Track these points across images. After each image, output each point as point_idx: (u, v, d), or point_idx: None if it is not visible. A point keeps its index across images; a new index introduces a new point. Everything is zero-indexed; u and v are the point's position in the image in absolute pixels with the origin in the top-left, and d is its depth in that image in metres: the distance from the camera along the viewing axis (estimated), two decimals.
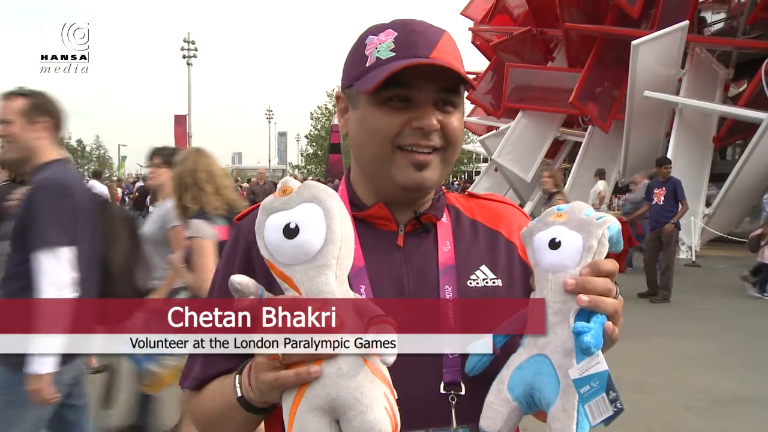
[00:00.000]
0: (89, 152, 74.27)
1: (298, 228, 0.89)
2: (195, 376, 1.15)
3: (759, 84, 15.19)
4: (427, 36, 1.08)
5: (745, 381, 5.99)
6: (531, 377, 0.95)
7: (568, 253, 0.95)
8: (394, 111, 1.06)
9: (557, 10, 18.19)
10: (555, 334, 0.94)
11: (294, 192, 0.93)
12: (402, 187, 1.10)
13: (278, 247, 0.90)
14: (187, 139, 38.63)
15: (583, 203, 1.02)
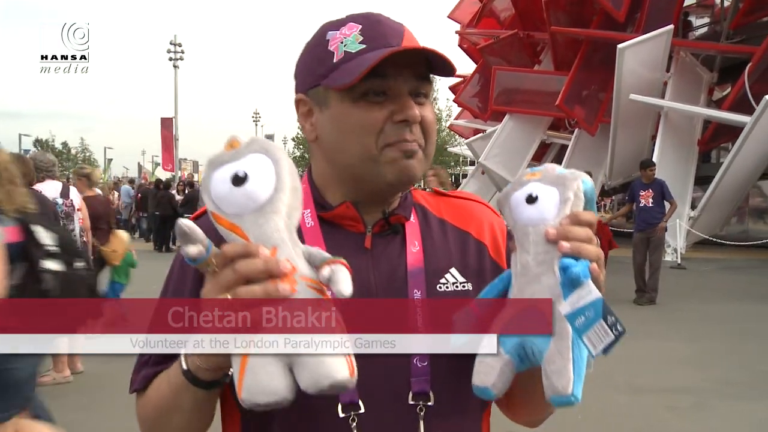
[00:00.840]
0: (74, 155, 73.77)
1: (247, 176, 0.86)
2: (143, 375, 1.10)
3: (742, 88, 15.33)
4: (392, 26, 1.05)
5: (729, 382, 6.04)
6: None
7: (546, 206, 0.95)
8: (373, 106, 1.01)
9: (544, 14, 18.26)
10: (540, 283, 0.93)
11: (242, 145, 0.90)
12: (390, 185, 1.06)
13: (226, 196, 0.86)
14: (173, 142, 38.47)
15: (555, 165, 1.02)
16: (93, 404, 5.31)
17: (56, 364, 5.78)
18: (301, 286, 0.84)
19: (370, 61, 0.98)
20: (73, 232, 5.89)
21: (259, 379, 0.81)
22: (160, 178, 23.21)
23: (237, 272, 0.82)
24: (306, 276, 0.85)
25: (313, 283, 0.85)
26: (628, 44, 15.24)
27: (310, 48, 1.09)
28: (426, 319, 1.03)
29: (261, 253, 0.83)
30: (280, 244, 0.85)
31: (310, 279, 0.85)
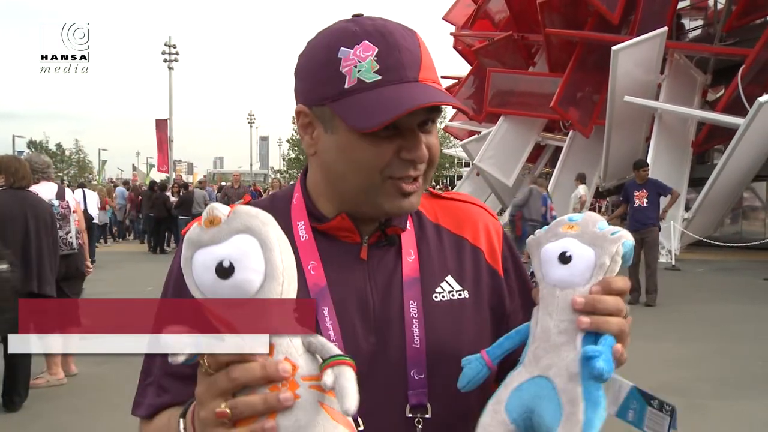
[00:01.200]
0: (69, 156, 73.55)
1: (233, 266, 0.76)
2: (149, 404, 1.07)
3: (736, 90, 15.39)
4: (410, 50, 0.98)
5: (723, 383, 6.06)
6: (530, 400, 0.88)
7: (579, 269, 0.89)
8: (381, 141, 0.97)
9: (538, 16, 18.32)
10: (559, 356, 0.87)
11: (223, 222, 0.79)
12: (387, 214, 1.04)
13: (212, 288, 0.77)
14: (168, 144, 38.38)
15: (597, 215, 0.95)
16: (87, 406, 5.30)
17: (50, 366, 5.77)
18: (303, 389, 0.76)
19: (390, 109, 0.93)
20: (69, 234, 5.87)
21: None
22: (154, 180, 23.13)
23: (233, 381, 0.76)
24: (307, 375, 0.77)
25: (316, 380, 0.77)
26: (623, 46, 15.28)
27: (320, 61, 1.01)
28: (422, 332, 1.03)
29: (258, 355, 0.76)
30: (276, 340, 0.78)
31: (313, 377, 0.77)
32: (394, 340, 1.02)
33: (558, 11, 18.88)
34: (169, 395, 1.04)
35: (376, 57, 0.96)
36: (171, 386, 1.04)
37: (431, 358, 1.02)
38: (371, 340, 1.02)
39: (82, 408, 5.26)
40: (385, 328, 1.03)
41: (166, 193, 19.08)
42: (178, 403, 1.02)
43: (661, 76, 17.13)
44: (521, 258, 1.22)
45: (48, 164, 6.13)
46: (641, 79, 16.26)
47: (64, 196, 6.00)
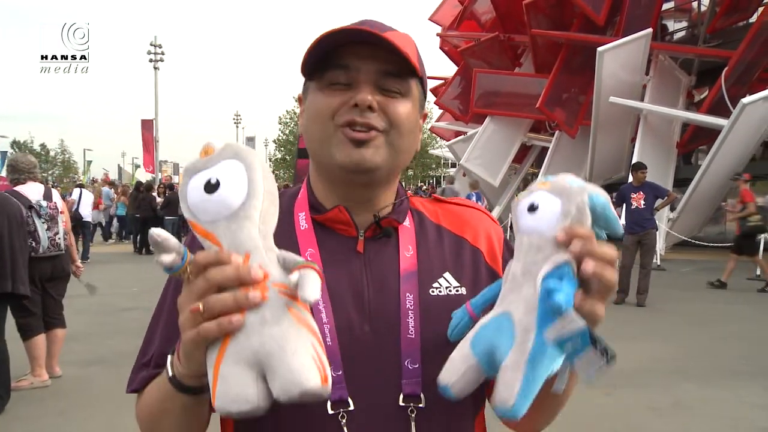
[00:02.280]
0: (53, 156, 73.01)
1: (219, 183, 0.86)
2: (142, 376, 1.10)
3: (719, 91, 15.52)
4: (376, 26, 1.05)
5: (707, 382, 6.10)
6: (492, 334, 0.92)
7: (545, 216, 0.92)
8: (334, 92, 1.04)
9: (524, 17, 18.38)
10: (520, 294, 0.92)
11: (216, 151, 0.89)
12: (342, 167, 1.05)
13: (199, 204, 0.87)
14: (154, 144, 38.20)
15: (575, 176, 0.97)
16: (71, 409, 5.25)
17: (34, 367, 5.71)
18: (272, 293, 0.83)
19: (322, 44, 1.01)
20: (58, 235, 5.82)
21: (230, 387, 0.81)
22: (140, 181, 23.03)
23: (208, 281, 0.82)
24: (278, 282, 0.84)
25: (286, 288, 0.84)
26: (608, 47, 15.37)
27: None
28: (418, 328, 1.04)
29: (233, 260, 0.83)
30: (253, 250, 0.85)
31: (283, 285, 0.84)
32: (388, 329, 1.03)
33: (544, 12, 18.95)
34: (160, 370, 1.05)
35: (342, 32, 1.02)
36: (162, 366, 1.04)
37: (426, 349, 1.03)
38: (365, 328, 1.04)
39: (66, 410, 5.21)
40: (379, 318, 1.04)
41: (152, 193, 18.99)
42: None
43: (646, 77, 17.25)
44: None
45: (34, 164, 6.07)
46: (626, 80, 16.36)
47: (52, 197, 5.95)
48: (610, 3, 17.27)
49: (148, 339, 1.13)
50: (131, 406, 1.14)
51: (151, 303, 1.16)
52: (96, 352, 6.92)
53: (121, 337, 7.39)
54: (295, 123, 49.92)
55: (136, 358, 1.13)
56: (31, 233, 5.62)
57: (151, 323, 1.14)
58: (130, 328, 7.77)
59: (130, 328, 7.75)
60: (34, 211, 5.69)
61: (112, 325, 8.24)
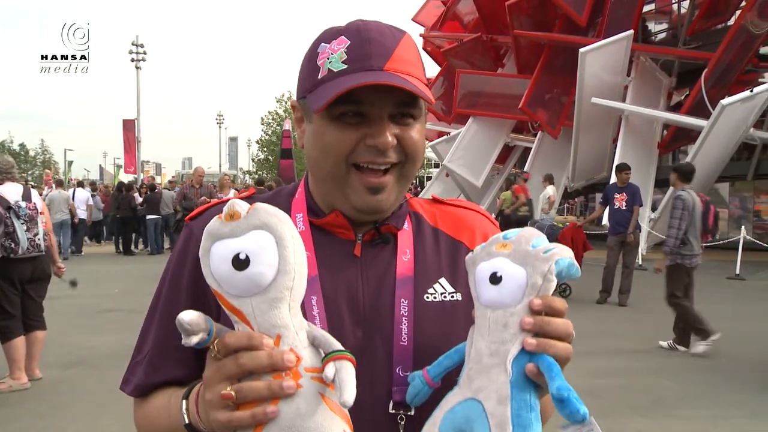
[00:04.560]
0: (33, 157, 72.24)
1: (249, 259, 0.82)
2: (138, 383, 1.10)
3: (699, 93, 15.68)
4: (383, 44, 1.00)
5: (686, 381, 6.16)
6: (462, 422, 0.87)
7: (510, 289, 0.87)
8: (347, 127, 1.00)
9: (507, 18, 18.45)
10: (490, 378, 0.86)
11: (242, 217, 0.84)
12: (356, 209, 1.05)
13: (227, 278, 0.83)
14: (136, 145, 37.92)
15: (534, 231, 0.93)
16: (51, 412, 5.19)
17: (13, 370, 5.65)
18: (305, 380, 0.82)
19: (336, 90, 0.96)
20: (37, 235, 5.75)
21: None
22: (122, 181, 22.86)
23: (240, 366, 0.81)
24: (310, 367, 0.83)
25: (318, 372, 0.82)
26: (590, 48, 15.47)
27: (306, 56, 1.06)
28: (411, 330, 1.03)
29: (265, 344, 0.82)
30: (284, 331, 0.83)
31: (315, 369, 0.83)
32: (381, 335, 1.03)
33: (526, 13, 19.04)
34: (159, 375, 1.08)
35: (346, 49, 0.99)
36: (162, 366, 1.08)
37: (418, 357, 1.02)
38: (358, 334, 1.03)
39: (46, 413, 5.16)
40: (373, 324, 1.03)
41: (131, 193, 18.85)
42: (168, 383, 1.08)
43: (627, 78, 17.38)
44: None
45: (11, 164, 5.98)
46: (608, 81, 16.48)
47: (31, 197, 5.87)
48: (592, 4, 17.39)
49: (143, 337, 1.14)
50: (112, 408, 1.14)
51: (132, 304, 1.16)
52: (76, 354, 6.86)
53: (102, 339, 7.33)
54: (278, 124, 49.80)
55: (132, 355, 1.14)
56: (9, 234, 5.55)
57: (145, 322, 1.15)
58: (111, 329, 7.71)
59: (111, 329, 7.69)
60: (13, 212, 5.61)
61: (92, 327, 8.17)
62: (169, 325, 1.06)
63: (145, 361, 1.09)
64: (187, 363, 1.07)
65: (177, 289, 1.10)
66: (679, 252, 7.17)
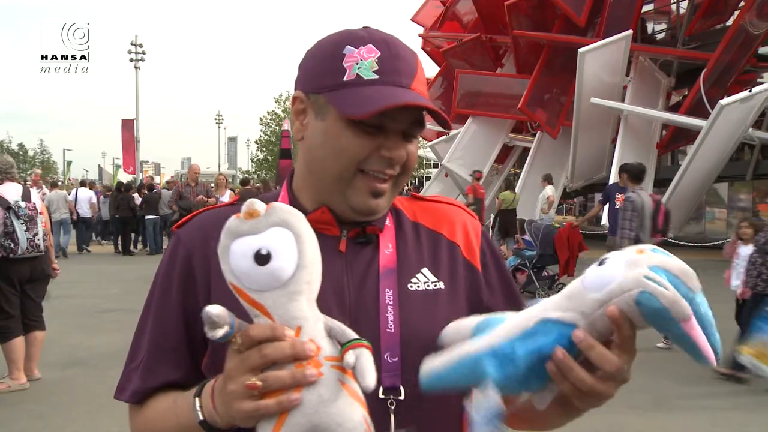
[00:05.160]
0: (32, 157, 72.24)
1: (270, 254, 0.86)
2: (134, 389, 1.10)
3: (698, 93, 15.69)
4: (408, 62, 1.07)
5: (686, 381, 6.16)
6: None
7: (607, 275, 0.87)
8: (365, 135, 1.04)
9: (506, 18, 18.45)
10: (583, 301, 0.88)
11: (262, 215, 0.88)
12: (354, 210, 1.09)
13: (248, 273, 0.86)
14: (135, 144, 37.91)
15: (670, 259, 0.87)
16: (50, 412, 5.19)
17: (12, 370, 5.64)
18: (326, 368, 0.86)
19: (380, 101, 1.00)
20: (37, 235, 5.73)
21: None
22: (122, 181, 22.87)
23: (264, 357, 0.84)
24: (329, 356, 0.87)
25: (337, 361, 0.86)
26: (589, 48, 15.47)
27: (324, 53, 1.08)
28: (397, 317, 1.05)
29: (287, 335, 0.85)
30: (303, 322, 0.87)
31: (334, 358, 0.87)
32: (369, 324, 1.04)
33: (525, 13, 19.04)
34: (155, 378, 1.09)
35: (377, 59, 1.04)
36: (158, 369, 1.09)
37: (405, 343, 1.04)
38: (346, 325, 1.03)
39: (45, 414, 5.15)
40: (360, 314, 1.06)
41: (131, 193, 18.86)
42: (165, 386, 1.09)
43: (626, 78, 17.39)
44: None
45: (11, 164, 5.97)
46: (607, 81, 16.48)
47: (30, 197, 5.86)
48: (591, 4, 17.39)
49: (136, 344, 1.14)
50: (111, 409, 1.14)
51: (132, 304, 1.16)
52: (75, 355, 6.86)
53: (101, 339, 7.32)
54: (277, 124, 49.74)
55: (125, 363, 1.14)
56: (9, 234, 5.54)
57: (139, 327, 1.15)
58: (110, 329, 7.70)
59: (110, 329, 7.68)
60: (13, 212, 5.60)
61: (91, 327, 8.16)
62: (163, 329, 1.09)
63: (140, 367, 1.10)
64: (183, 364, 1.09)
65: (168, 294, 1.11)
66: None
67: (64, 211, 16.61)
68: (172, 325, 1.09)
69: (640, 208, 7.35)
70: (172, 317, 1.09)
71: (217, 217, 1.13)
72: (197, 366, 1.09)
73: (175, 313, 1.09)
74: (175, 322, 1.09)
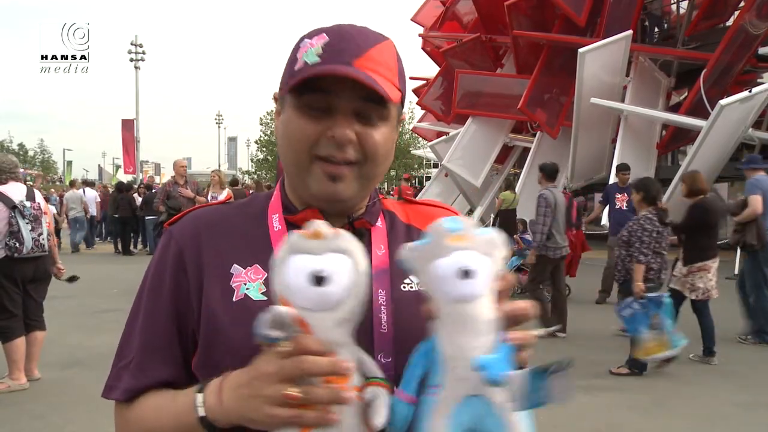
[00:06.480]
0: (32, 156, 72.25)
1: (328, 277, 0.88)
2: (126, 387, 1.09)
3: (698, 93, 15.67)
4: (358, 43, 1.04)
5: (686, 381, 6.17)
6: (471, 422, 0.88)
7: (483, 280, 0.89)
8: (311, 119, 1.04)
9: (506, 18, 18.44)
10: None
11: (325, 238, 0.91)
12: (317, 198, 1.08)
13: (301, 290, 0.88)
14: (135, 144, 37.91)
15: (458, 217, 0.95)
16: (50, 412, 5.19)
17: (12, 370, 5.65)
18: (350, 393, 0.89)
19: (303, 75, 1.01)
20: (41, 235, 5.74)
21: None
22: (122, 181, 22.91)
23: (302, 369, 0.85)
24: (355, 386, 0.89)
25: (358, 391, 0.89)
26: (589, 48, 15.46)
27: (291, 51, 1.10)
28: (390, 318, 1.05)
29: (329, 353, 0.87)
30: (340, 350, 0.89)
31: (357, 389, 0.89)
32: (362, 325, 1.03)
33: (525, 13, 19.02)
34: (148, 377, 1.07)
35: (324, 45, 1.03)
36: (150, 367, 1.07)
37: (398, 343, 1.04)
38: None
39: (44, 414, 5.16)
40: None
41: (131, 193, 18.88)
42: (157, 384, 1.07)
43: (626, 79, 17.38)
44: None
45: (15, 164, 5.97)
46: (607, 82, 16.47)
47: (35, 197, 5.86)
48: (591, 4, 17.38)
49: (125, 342, 1.13)
50: (110, 409, 1.13)
51: (131, 304, 1.16)
52: (75, 355, 6.86)
53: (101, 339, 7.32)
54: None
55: (113, 362, 1.13)
56: (14, 234, 5.54)
57: (128, 325, 1.14)
58: (110, 329, 7.70)
59: (110, 329, 7.68)
60: (18, 212, 5.60)
61: (91, 327, 8.17)
62: (155, 326, 1.09)
63: (132, 365, 1.09)
64: (174, 362, 1.08)
65: (159, 291, 1.10)
66: (546, 245, 7.78)
67: (79, 209, 17.98)
68: (164, 322, 1.08)
69: (552, 204, 7.73)
70: (163, 314, 1.09)
71: (210, 215, 1.15)
72: (188, 364, 1.08)
73: (167, 309, 1.08)
74: (166, 319, 1.08)
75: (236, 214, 1.16)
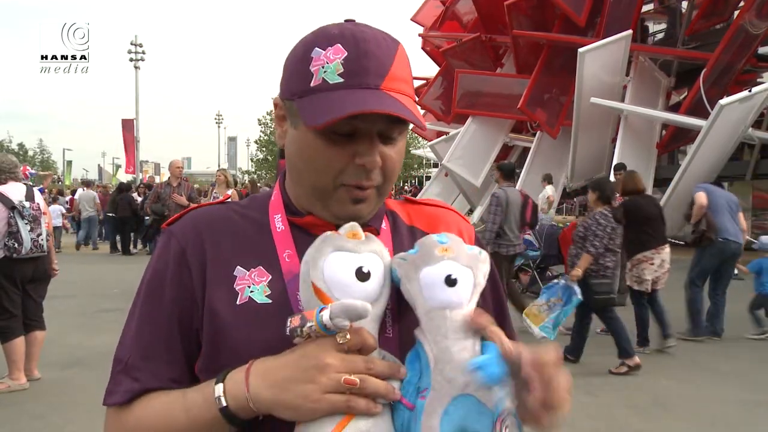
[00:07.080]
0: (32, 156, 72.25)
1: (370, 274, 0.94)
2: (125, 389, 1.05)
3: (698, 93, 15.68)
4: (380, 59, 0.99)
5: (686, 381, 6.17)
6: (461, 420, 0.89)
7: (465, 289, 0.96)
8: (336, 144, 0.99)
9: (506, 18, 18.45)
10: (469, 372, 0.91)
11: (362, 240, 0.97)
12: (337, 218, 1.05)
13: (345, 285, 0.93)
14: (135, 144, 37.91)
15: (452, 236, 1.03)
16: (50, 412, 5.19)
17: (12, 371, 5.64)
18: None
19: (338, 110, 0.94)
20: (40, 236, 5.73)
21: None
22: (123, 182, 22.94)
23: (368, 369, 0.90)
24: None
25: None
26: (589, 48, 15.47)
27: (296, 56, 1.03)
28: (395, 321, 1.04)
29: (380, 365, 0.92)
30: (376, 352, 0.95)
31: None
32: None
33: (525, 13, 19.04)
34: (147, 378, 1.03)
35: (343, 60, 0.97)
36: (150, 367, 1.03)
37: (403, 347, 1.02)
38: None
39: (45, 414, 5.15)
40: None
41: (131, 193, 18.89)
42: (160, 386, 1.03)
43: (626, 78, 17.39)
44: None
45: (15, 164, 5.95)
46: (607, 81, 16.48)
47: (34, 197, 5.85)
48: (591, 4, 17.40)
49: (125, 344, 1.09)
50: None
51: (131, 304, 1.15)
52: (75, 355, 6.85)
53: (101, 339, 7.31)
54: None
55: (113, 366, 1.09)
56: (13, 234, 5.53)
57: (127, 327, 1.11)
58: (110, 329, 7.69)
59: (110, 329, 7.66)
60: (17, 212, 5.59)
61: (91, 327, 8.16)
62: (154, 328, 1.05)
63: (132, 367, 1.05)
64: (176, 362, 1.04)
65: (160, 291, 1.07)
66: (497, 242, 7.97)
67: (92, 209, 18.53)
68: (165, 322, 1.04)
69: (504, 203, 7.88)
70: (164, 314, 1.05)
71: (210, 215, 1.12)
72: (190, 364, 1.05)
73: (168, 309, 1.05)
74: (167, 319, 1.04)
75: (237, 214, 1.13)
